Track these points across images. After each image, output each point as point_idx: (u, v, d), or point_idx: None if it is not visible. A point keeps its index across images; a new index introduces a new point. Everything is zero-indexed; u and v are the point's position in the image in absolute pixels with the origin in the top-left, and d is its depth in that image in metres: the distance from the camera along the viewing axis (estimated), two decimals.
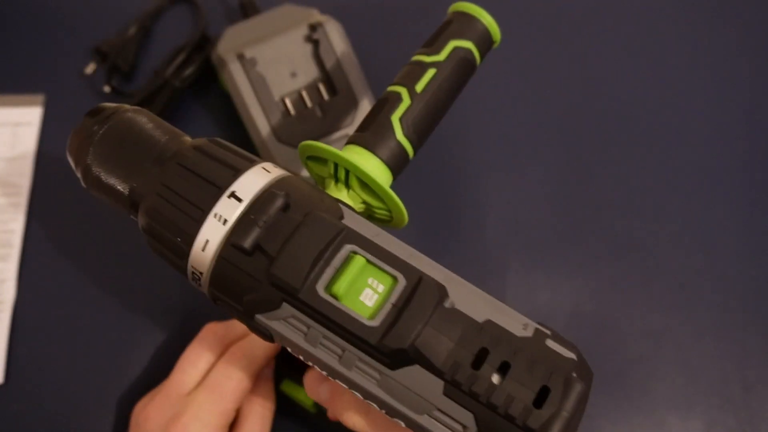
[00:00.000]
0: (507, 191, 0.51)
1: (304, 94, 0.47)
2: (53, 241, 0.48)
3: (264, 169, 0.31)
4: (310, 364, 0.29)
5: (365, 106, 0.48)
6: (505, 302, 0.28)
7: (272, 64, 0.47)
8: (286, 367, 0.42)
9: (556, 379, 0.26)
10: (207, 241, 0.29)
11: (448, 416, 0.26)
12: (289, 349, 0.30)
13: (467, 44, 0.37)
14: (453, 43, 0.37)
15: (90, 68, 0.53)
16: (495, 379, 0.26)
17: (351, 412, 0.32)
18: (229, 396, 0.38)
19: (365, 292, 0.27)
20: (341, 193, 0.34)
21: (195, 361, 0.40)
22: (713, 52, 0.55)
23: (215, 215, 0.29)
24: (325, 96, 0.47)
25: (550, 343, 0.27)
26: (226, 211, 0.29)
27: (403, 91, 0.35)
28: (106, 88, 0.52)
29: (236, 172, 0.30)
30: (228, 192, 0.29)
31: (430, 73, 0.36)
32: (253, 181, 0.30)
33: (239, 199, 0.29)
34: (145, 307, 0.47)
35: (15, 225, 0.48)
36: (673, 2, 0.57)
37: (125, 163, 0.32)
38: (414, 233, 0.49)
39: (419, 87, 0.36)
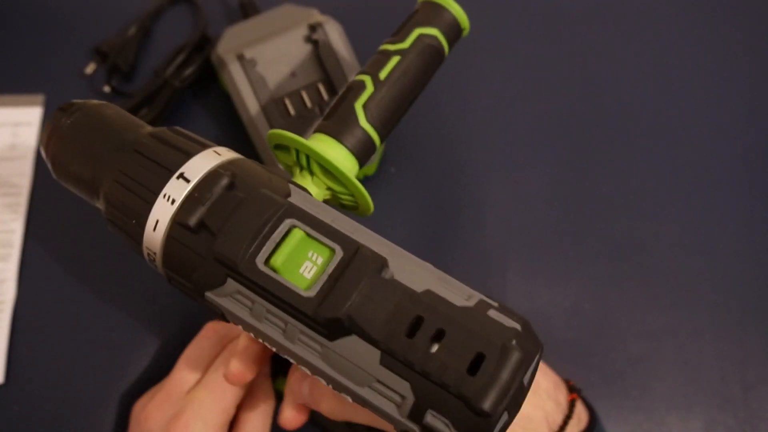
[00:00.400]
0: (507, 191, 0.50)
1: (304, 94, 0.47)
2: (53, 241, 0.48)
3: (215, 152, 0.32)
4: (260, 341, 0.30)
5: None
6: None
7: (272, 64, 0.47)
8: (279, 365, 0.42)
9: (493, 347, 0.25)
10: (157, 222, 0.30)
11: (386, 387, 0.26)
12: (240, 327, 0.30)
13: (432, 31, 0.37)
14: (418, 31, 0.37)
15: (90, 68, 0.53)
16: (432, 348, 0.26)
17: (325, 401, 0.33)
18: (229, 394, 0.38)
19: (305, 264, 0.28)
20: (305, 180, 0.35)
21: (196, 359, 0.40)
22: (713, 52, 0.55)
23: (164, 196, 0.30)
24: (325, 96, 0.47)
25: (493, 313, 0.27)
26: (174, 192, 0.30)
27: (367, 79, 0.36)
28: (106, 88, 0.52)
29: (186, 155, 0.31)
30: (177, 173, 0.30)
31: (394, 60, 0.36)
32: (201, 163, 0.30)
33: (187, 180, 0.30)
34: (145, 307, 0.47)
35: (15, 225, 0.48)
36: (673, 2, 0.57)
37: (88, 152, 0.33)
38: (414, 233, 0.49)
39: (383, 74, 0.36)
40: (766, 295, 0.48)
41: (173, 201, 0.30)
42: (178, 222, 0.29)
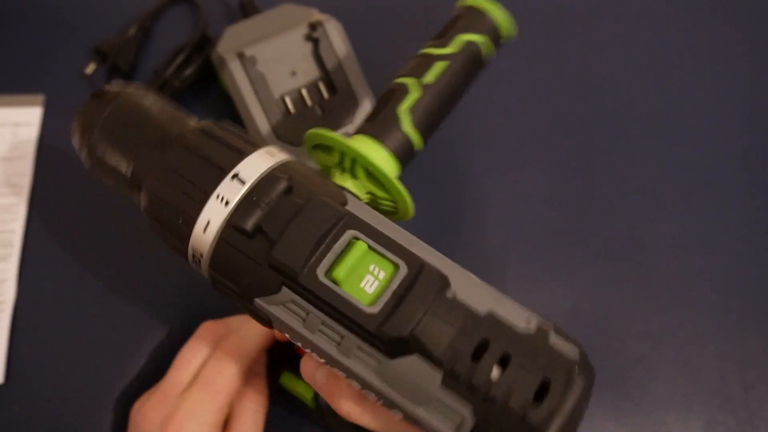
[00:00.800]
0: (507, 191, 0.50)
1: (304, 92, 0.47)
2: (53, 241, 0.48)
3: (268, 153, 0.30)
4: (308, 351, 0.29)
5: (365, 105, 0.48)
6: None
7: (272, 63, 0.47)
8: (285, 360, 0.42)
9: (558, 375, 0.25)
10: (208, 223, 0.29)
11: (446, 407, 0.26)
12: (287, 336, 0.29)
13: (479, 38, 0.36)
14: (464, 37, 0.36)
15: (90, 68, 0.53)
16: (495, 372, 0.25)
17: (345, 400, 0.31)
18: (222, 392, 0.38)
19: (366, 278, 0.27)
20: (346, 183, 0.34)
21: (191, 359, 0.40)
22: (713, 52, 0.55)
23: (217, 196, 0.29)
24: (325, 95, 0.47)
25: (553, 339, 0.27)
26: (229, 193, 0.29)
27: (411, 83, 0.35)
28: None
29: (240, 155, 0.30)
30: (231, 174, 0.29)
31: (440, 65, 0.35)
32: (256, 164, 0.29)
33: (242, 181, 0.29)
34: (145, 307, 0.47)
35: (15, 225, 0.48)
36: (673, 2, 0.57)
37: (128, 144, 0.32)
38: (414, 233, 0.49)
39: (427, 79, 0.35)
40: (766, 295, 0.48)
41: (227, 202, 0.28)
42: (232, 225, 0.28)
